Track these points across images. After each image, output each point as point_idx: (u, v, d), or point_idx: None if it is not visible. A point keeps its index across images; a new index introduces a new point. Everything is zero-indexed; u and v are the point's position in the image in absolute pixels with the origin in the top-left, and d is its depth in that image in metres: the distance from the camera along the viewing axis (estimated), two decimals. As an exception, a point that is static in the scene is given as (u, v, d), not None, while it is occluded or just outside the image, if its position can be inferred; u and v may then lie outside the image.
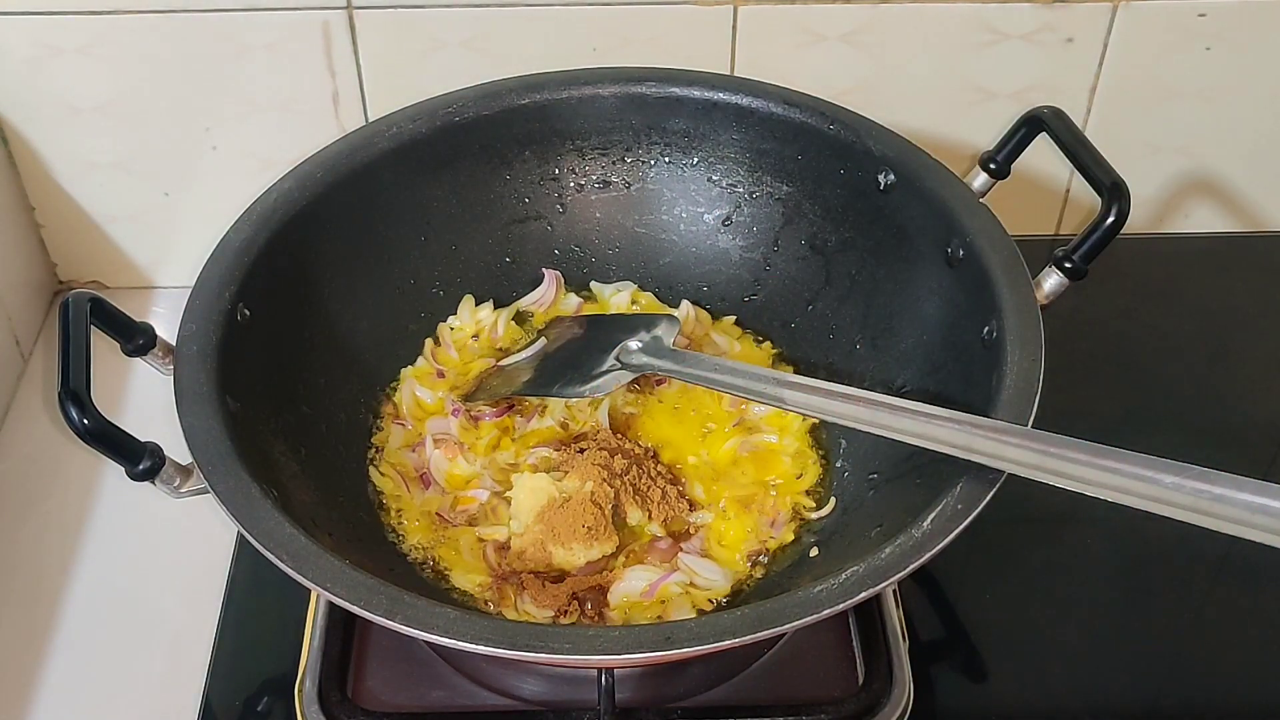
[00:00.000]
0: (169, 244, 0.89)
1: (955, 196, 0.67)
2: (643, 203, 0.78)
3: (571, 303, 0.78)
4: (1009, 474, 0.52)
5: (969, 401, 0.59)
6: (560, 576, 0.65)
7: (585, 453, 0.69)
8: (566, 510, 0.65)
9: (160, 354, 0.61)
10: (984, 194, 0.70)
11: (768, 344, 0.77)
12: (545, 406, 0.72)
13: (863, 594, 0.50)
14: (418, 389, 0.73)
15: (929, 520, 0.52)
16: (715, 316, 0.78)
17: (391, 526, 0.67)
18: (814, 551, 0.65)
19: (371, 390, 0.73)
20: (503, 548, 0.66)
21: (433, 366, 0.75)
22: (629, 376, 0.68)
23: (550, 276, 0.78)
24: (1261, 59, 0.84)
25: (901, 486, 0.63)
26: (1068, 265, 0.64)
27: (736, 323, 0.78)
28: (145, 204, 0.86)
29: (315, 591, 0.51)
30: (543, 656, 0.48)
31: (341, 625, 0.66)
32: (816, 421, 0.71)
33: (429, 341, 0.76)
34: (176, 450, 0.56)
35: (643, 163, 0.77)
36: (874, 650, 0.65)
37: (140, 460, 0.55)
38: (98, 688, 0.68)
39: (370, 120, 0.78)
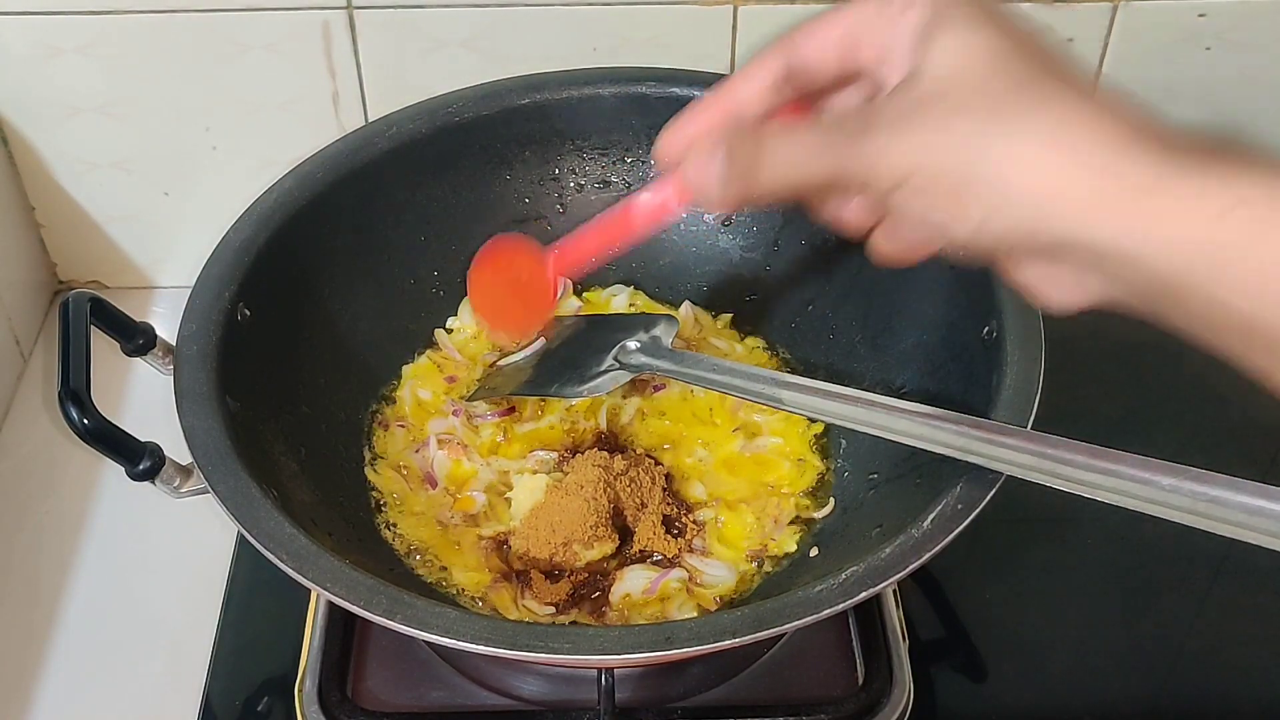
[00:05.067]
0: (169, 244, 0.89)
1: (955, 196, 0.66)
2: (642, 203, 0.78)
3: (571, 304, 0.78)
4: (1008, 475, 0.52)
5: (969, 402, 0.59)
6: (560, 575, 0.65)
7: (585, 453, 0.69)
8: (566, 510, 0.65)
9: (160, 354, 0.61)
10: (984, 194, 0.70)
11: (767, 345, 0.77)
12: (545, 407, 0.72)
13: (863, 594, 0.50)
14: (419, 389, 0.73)
15: (929, 520, 0.52)
16: (715, 317, 0.78)
17: (391, 526, 0.67)
18: (814, 551, 0.65)
19: (371, 390, 0.73)
20: (502, 544, 0.66)
21: (440, 371, 0.74)
22: (627, 377, 0.68)
23: (561, 281, 0.78)
24: (1261, 59, 0.84)
25: (901, 487, 0.63)
26: (1068, 265, 0.64)
27: (736, 323, 0.78)
28: (145, 204, 0.86)
29: (315, 591, 0.51)
30: (543, 656, 0.48)
31: (341, 625, 0.66)
32: (821, 427, 0.71)
33: (433, 344, 0.76)
34: (176, 450, 0.56)
35: (643, 163, 0.77)
36: (874, 650, 0.65)
37: (140, 460, 0.55)
38: (98, 688, 0.68)
39: (370, 120, 0.78)
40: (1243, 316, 0.36)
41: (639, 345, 0.69)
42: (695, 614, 0.63)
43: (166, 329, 0.62)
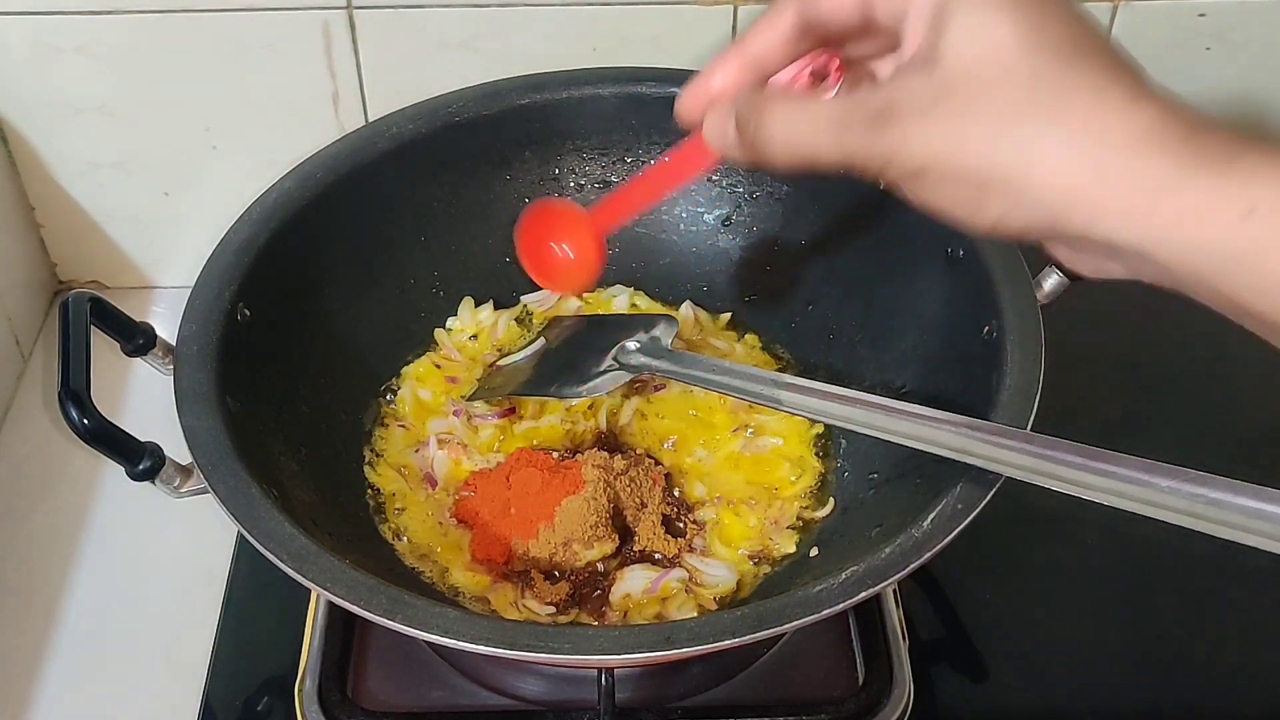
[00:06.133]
0: (169, 244, 0.89)
1: (955, 196, 0.66)
2: (642, 203, 0.78)
3: (571, 304, 0.78)
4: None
5: (969, 402, 0.59)
6: (560, 575, 0.65)
7: (585, 453, 0.69)
8: (567, 510, 0.65)
9: (160, 354, 0.61)
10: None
11: (767, 345, 0.77)
12: (545, 407, 0.72)
13: (863, 594, 0.50)
14: (419, 389, 0.73)
15: (929, 520, 0.52)
16: (715, 317, 0.78)
17: (391, 526, 0.67)
18: (814, 551, 0.65)
19: (371, 390, 0.73)
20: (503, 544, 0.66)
21: (440, 371, 0.74)
22: (626, 377, 0.68)
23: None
24: (1261, 59, 0.84)
25: (901, 487, 0.63)
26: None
27: (736, 323, 0.78)
28: (145, 204, 0.86)
29: (315, 591, 0.51)
30: (543, 656, 0.48)
31: (341, 625, 0.66)
32: (821, 428, 0.71)
33: (433, 344, 0.76)
34: (176, 450, 0.56)
35: (642, 163, 0.77)
36: (874, 650, 0.65)
37: (140, 460, 0.54)
38: (98, 688, 0.68)
39: (370, 120, 0.78)
40: (1261, 313, 0.37)
41: (638, 345, 0.69)
42: (695, 614, 0.63)
43: (166, 329, 0.62)
